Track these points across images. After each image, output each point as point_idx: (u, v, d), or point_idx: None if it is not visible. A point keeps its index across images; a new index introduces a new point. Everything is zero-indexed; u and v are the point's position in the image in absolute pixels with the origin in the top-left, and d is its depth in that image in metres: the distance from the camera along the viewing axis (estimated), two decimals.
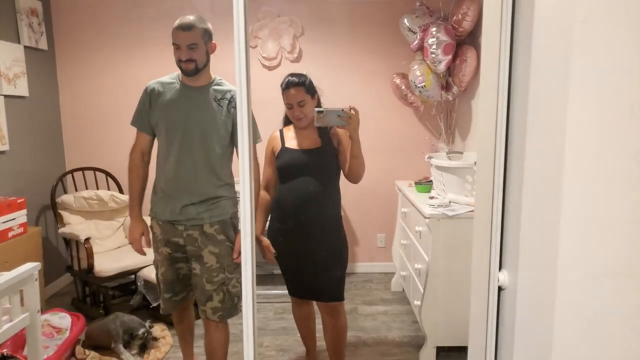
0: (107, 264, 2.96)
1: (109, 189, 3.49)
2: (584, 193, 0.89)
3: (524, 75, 1.05)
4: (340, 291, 2.17)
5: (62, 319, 2.66)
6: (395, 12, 3.44)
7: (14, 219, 2.69)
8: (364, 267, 3.91)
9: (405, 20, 3.20)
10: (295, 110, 2.07)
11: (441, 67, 3.03)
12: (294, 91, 2.04)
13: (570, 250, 0.91)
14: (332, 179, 2.15)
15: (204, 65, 1.95)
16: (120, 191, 3.54)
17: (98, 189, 3.46)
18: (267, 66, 3.69)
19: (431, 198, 2.77)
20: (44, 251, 3.03)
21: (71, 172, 3.43)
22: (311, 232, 2.10)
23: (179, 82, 2.00)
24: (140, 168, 2.05)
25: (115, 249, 3.31)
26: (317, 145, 2.11)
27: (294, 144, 2.14)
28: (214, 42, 1.96)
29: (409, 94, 3.41)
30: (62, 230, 3.11)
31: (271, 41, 3.63)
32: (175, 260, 2.06)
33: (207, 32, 1.92)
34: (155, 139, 2.06)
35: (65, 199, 3.22)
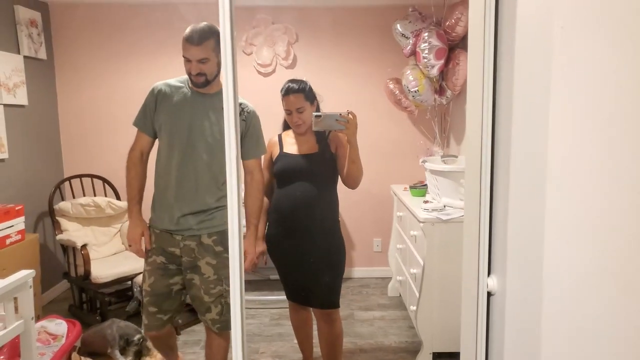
0: (104, 270, 2.97)
1: (106, 196, 3.50)
2: (567, 197, 0.91)
3: (508, 81, 1.07)
4: (335, 298, 2.18)
5: (59, 326, 2.67)
6: (388, 18, 3.46)
7: (11, 226, 2.70)
8: (360, 272, 3.91)
9: (398, 26, 3.23)
10: (293, 116, 2.09)
11: (434, 72, 3.05)
12: (293, 97, 2.06)
13: (555, 254, 0.92)
14: (330, 184, 2.16)
15: (215, 76, 1.89)
16: (117, 198, 3.56)
17: (95, 195, 3.47)
18: (263, 73, 3.71)
19: (426, 202, 2.78)
20: (41, 258, 3.04)
21: (69, 179, 3.44)
22: (308, 238, 2.11)
23: (188, 88, 1.93)
24: (139, 166, 1.98)
25: (112, 255, 3.32)
26: (315, 151, 2.12)
27: (292, 149, 2.15)
28: None
29: (403, 99, 3.43)
30: (60, 237, 3.12)
31: (266, 48, 3.66)
32: (167, 273, 1.97)
33: (219, 43, 1.86)
34: (154, 141, 2.00)
35: (63, 205, 3.23)
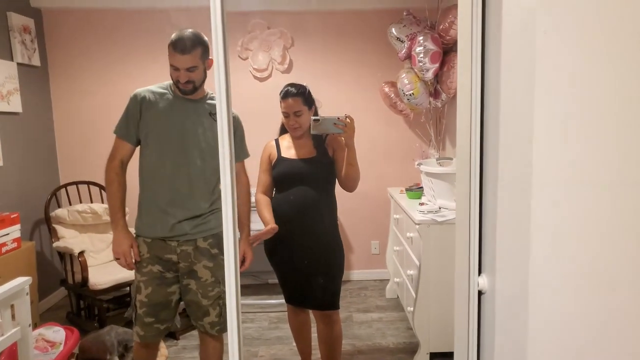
0: (101, 277, 2.97)
1: (102, 202, 3.51)
2: (552, 198, 0.92)
3: (495, 86, 1.08)
4: (335, 299, 2.19)
5: (56, 333, 2.67)
6: (383, 22, 3.49)
7: (7, 234, 2.71)
8: (358, 275, 3.92)
9: (393, 30, 3.25)
10: (291, 119, 2.11)
11: (429, 75, 3.08)
12: (292, 101, 2.09)
13: (541, 253, 0.94)
14: (328, 187, 2.18)
15: (202, 83, 1.91)
16: None
17: (92, 202, 3.48)
18: (258, 77, 3.73)
19: (421, 204, 2.80)
20: (38, 265, 3.04)
21: (65, 186, 3.45)
22: (307, 241, 2.13)
23: (172, 94, 1.93)
24: (122, 177, 1.94)
25: (110, 261, 3.32)
26: (313, 155, 2.14)
27: (290, 154, 2.17)
28: (210, 59, 1.88)
29: (398, 102, 3.45)
30: (57, 244, 3.12)
31: (262, 53, 3.68)
32: (165, 282, 1.94)
33: (206, 50, 1.86)
34: (135, 150, 1.96)
35: (59, 213, 3.24)
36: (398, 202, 3.11)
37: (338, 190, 2.20)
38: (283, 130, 2.28)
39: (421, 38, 3.01)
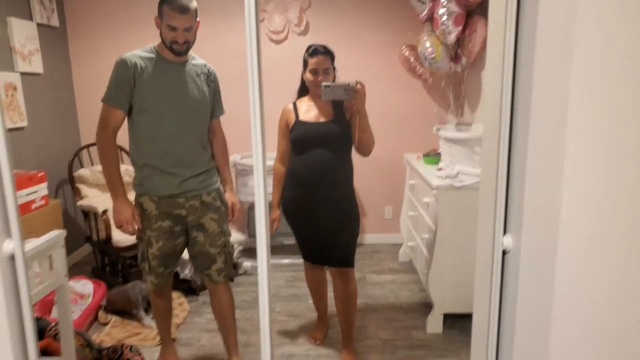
0: (123, 235, 3.05)
1: (123, 163, 3.57)
2: (585, 156, 0.94)
3: (529, 43, 1.08)
4: (351, 257, 2.26)
5: (85, 286, 2.79)
6: None
7: (35, 192, 2.79)
8: (372, 239, 3.99)
9: None
10: (319, 76, 2.13)
11: (451, 38, 3.03)
12: (322, 58, 2.12)
13: (572, 213, 0.96)
14: (345, 150, 2.21)
15: (193, 43, 1.96)
16: None
17: None
18: (274, 40, 3.70)
19: (439, 170, 2.81)
20: (63, 222, 3.14)
21: (87, 147, 3.51)
22: (325, 201, 2.18)
23: (158, 56, 1.95)
24: (115, 146, 1.99)
25: None
26: (330, 118, 2.16)
27: (308, 117, 2.19)
28: (198, 20, 1.94)
29: (418, 66, 3.41)
30: (80, 202, 3.21)
31: (278, 15, 3.63)
32: (173, 235, 2.05)
33: (197, 11, 1.92)
34: (125, 117, 1.98)
35: (82, 173, 3.31)
36: (415, 168, 3.13)
37: (353, 155, 2.23)
38: (301, 93, 2.29)
39: (444, 0, 2.94)
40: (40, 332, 2.11)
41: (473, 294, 1.33)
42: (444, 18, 2.94)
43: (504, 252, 1.24)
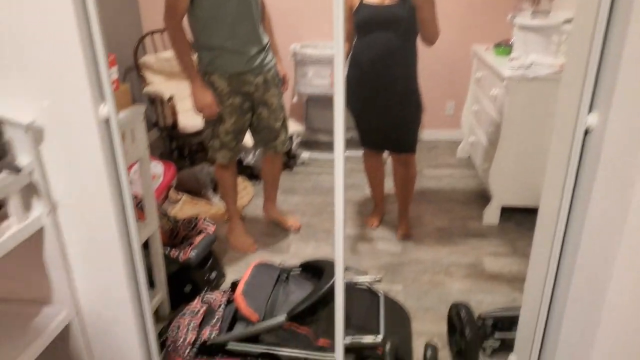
0: (190, 120, 3.19)
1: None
2: None
3: None
4: (413, 143, 2.31)
5: (156, 167, 2.99)
6: None
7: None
8: (430, 134, 3.94)
9: None
10: None
11: None
12: None
13: None
14: (410, 35, 2.14)
15: None
16: None
17: None
18: None
19: (511, 60, 2.65)
20: None
21: (151, 33, 3.54)
22: (388, 85, 2.18)
23: None
24: (184, 32, 2.03)
25: None
26: (395, 1, 2.08)
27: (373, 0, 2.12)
28: None
29: None
30: (147, 89, 3.32)
31: None
32: (243, 111, 2.21)
33: None
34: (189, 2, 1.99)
35: (147, 59, 3.38)
36: (483, 59, 2.96)
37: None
38: None
39: None
40: None
41: (536, 189, 1.28)
42: None
43: (586, 132, 1.20)
